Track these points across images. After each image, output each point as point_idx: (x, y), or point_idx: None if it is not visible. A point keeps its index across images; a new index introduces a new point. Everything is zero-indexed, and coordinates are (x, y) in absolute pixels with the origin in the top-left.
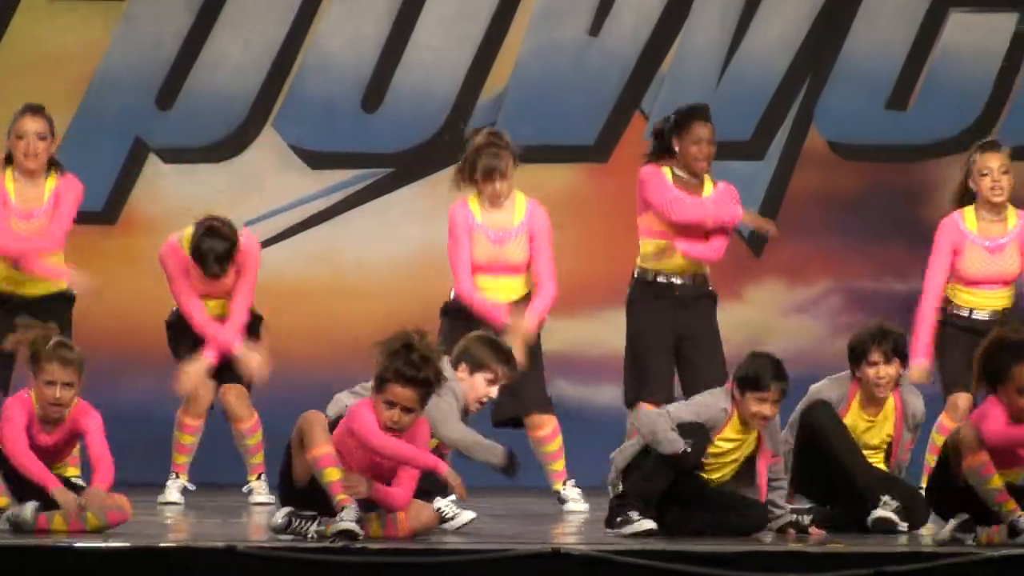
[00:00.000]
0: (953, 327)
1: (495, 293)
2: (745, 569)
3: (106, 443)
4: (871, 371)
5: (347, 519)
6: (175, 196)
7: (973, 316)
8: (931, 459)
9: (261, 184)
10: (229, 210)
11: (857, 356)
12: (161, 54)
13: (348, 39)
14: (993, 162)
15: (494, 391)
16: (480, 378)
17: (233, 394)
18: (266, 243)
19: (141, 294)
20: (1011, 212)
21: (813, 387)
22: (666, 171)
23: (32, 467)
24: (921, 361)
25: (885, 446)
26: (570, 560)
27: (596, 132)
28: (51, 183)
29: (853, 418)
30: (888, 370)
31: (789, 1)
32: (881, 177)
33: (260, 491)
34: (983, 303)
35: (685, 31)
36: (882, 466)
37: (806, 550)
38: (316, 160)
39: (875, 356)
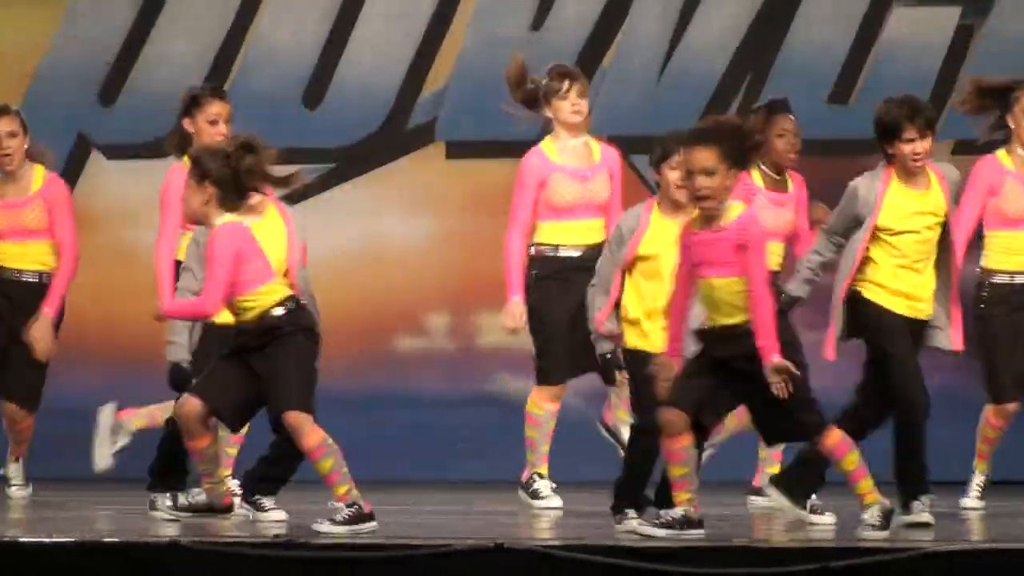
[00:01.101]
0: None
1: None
2: (688, 564)
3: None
4: (907, 148)
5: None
6: (118, 193)
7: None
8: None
9: None
10: None
11: (891, 133)
12: (103, 50)
13: (290, 35)
14: None
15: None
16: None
17: None
18: None
19: (84, 289)
20: None
21: (850, 185)
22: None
23: None
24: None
25: (942, 216)
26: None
27: (539, 126)
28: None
29: (896, 195)
30: (924, 145)
31: None
32: (824, 172)
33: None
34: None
35: (627, 25)
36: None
37: (752, 545)
38: None
39: (910, 132)
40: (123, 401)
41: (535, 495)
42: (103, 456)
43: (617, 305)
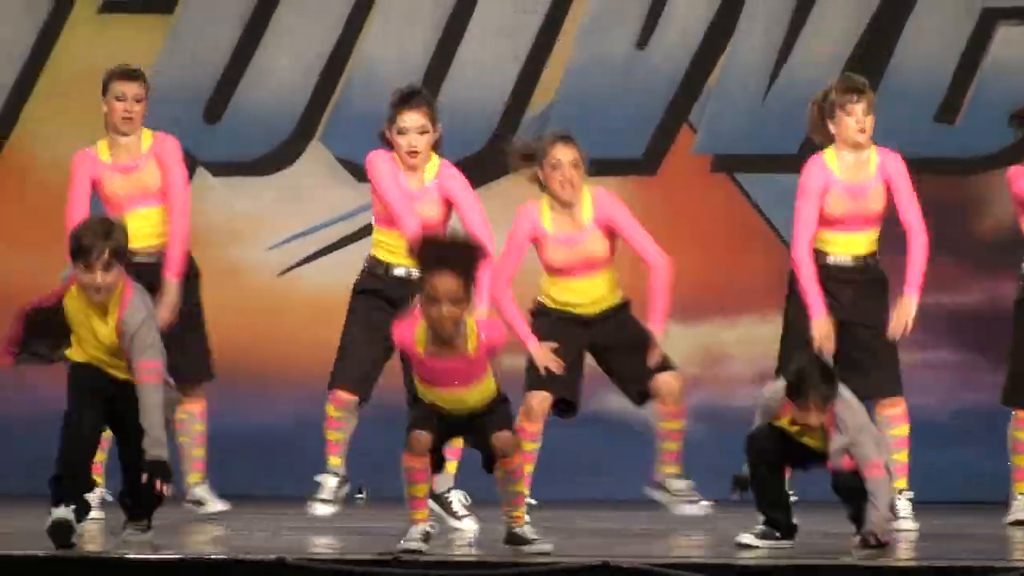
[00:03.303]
0: None
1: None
2: None
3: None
4: None
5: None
6: (223, 209)
7: None
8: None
9: (308, 198)
10: (276, 223)
11: None
12: (209, 68)
13: (395, 53)
14: None
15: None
16: None
17: None
18: (313, 256)
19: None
20: None
21: None
22: None
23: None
24: None
25: None
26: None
27: (643, 145)
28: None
29: None
30: None
31: (836, 15)
32: (929, 191)
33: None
34: None
35: (732, 44)
36: None
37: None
38: (363, 174)
39: None
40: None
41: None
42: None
43: None
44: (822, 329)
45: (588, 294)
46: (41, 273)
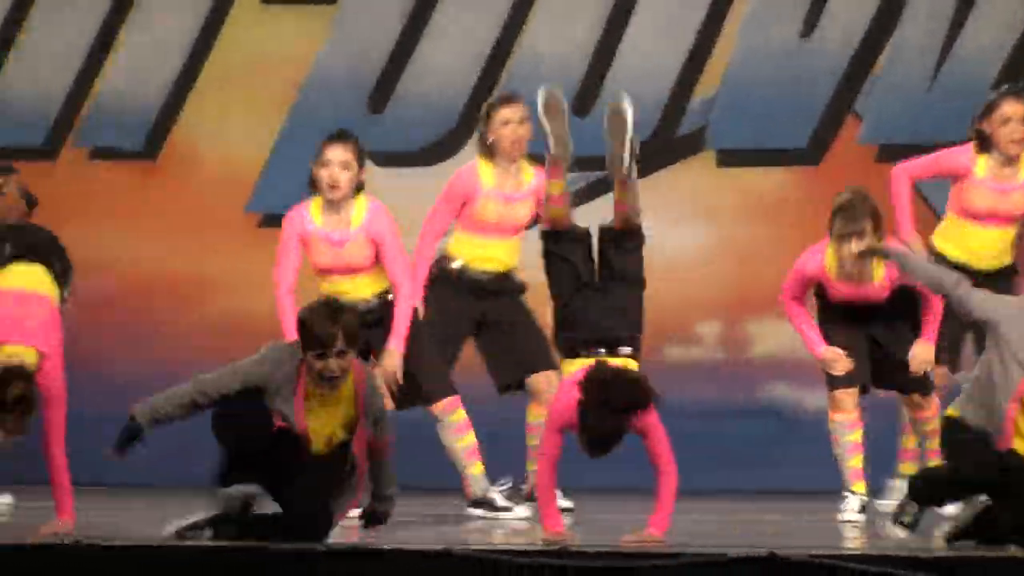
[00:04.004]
0: None
1: None
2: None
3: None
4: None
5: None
6: (387, 200)
7: None
8: None
9: None
10: None
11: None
12: (372, 59)
13: (558, 44)
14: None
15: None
16: None
17: None
18: None
19: None
20: None
21: None
22: None
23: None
24: None
25: None
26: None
27: (808, 135)
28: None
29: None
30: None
31: (1003, 1)
32: None
33: None
34: None
35: (897, 32)
36: None
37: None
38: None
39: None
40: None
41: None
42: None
43: None
44: None
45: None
46: (205, 262)
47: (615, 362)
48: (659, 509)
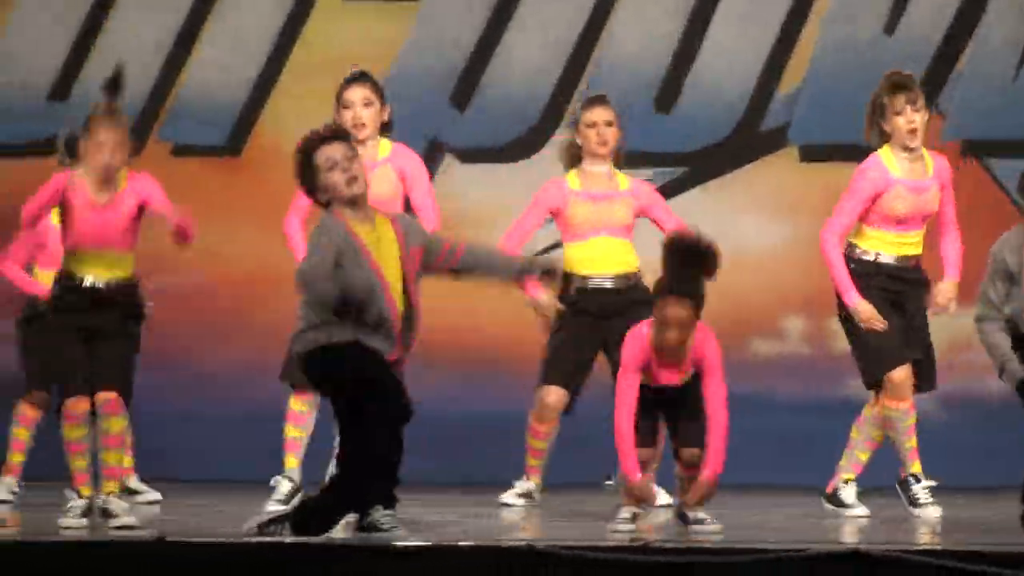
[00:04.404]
0: None
1: None
2: None
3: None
4: None
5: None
6: (471, 196)
7: None
8: None
9: None
10: (523, 210)
11: None
12: (456, 54)
13: (641, 38)
14: None
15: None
16: None
17: None
18: (558, 244)
19: (434, 292)
20: None
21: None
22: None
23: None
24: None
25: None
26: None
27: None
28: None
29: None
30: None
31: None
32: None
33: None
34: None
35: (981, 28)
36: None
37: None
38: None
39: None
40: (475, 403)
41: (839, 503)
42: None
43: None
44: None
45: None
46: (290, 257)
47: None
48: (711, 454)
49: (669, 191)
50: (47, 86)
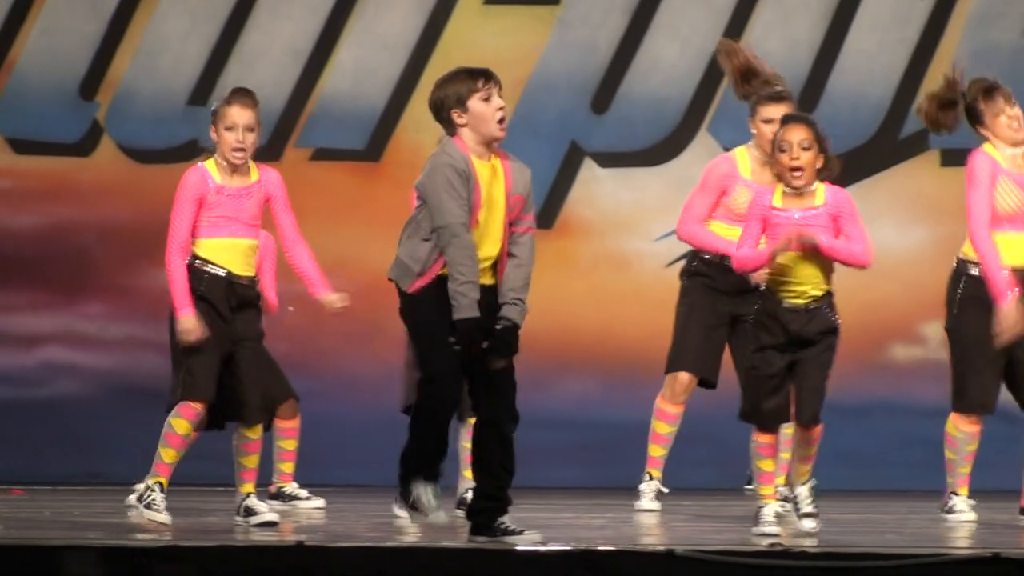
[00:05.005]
0: None
1: None
2: None
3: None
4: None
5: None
6: (611, 201)
7: None
8: None
9: None
10: (665, 215)
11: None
12: (596, 58)
13: (783, 43)
14: None
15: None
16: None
17: None
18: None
19: (575, 297)
20: None
21: None
22: None
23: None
24: None
25: None
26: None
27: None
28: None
29: None
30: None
31: None
32: None
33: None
34: None
35: None
36: None
37: None
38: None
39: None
40: (617, 404)
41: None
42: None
43: None
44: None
45: None
46: None
47: None
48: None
49: None
50: (187, 91)
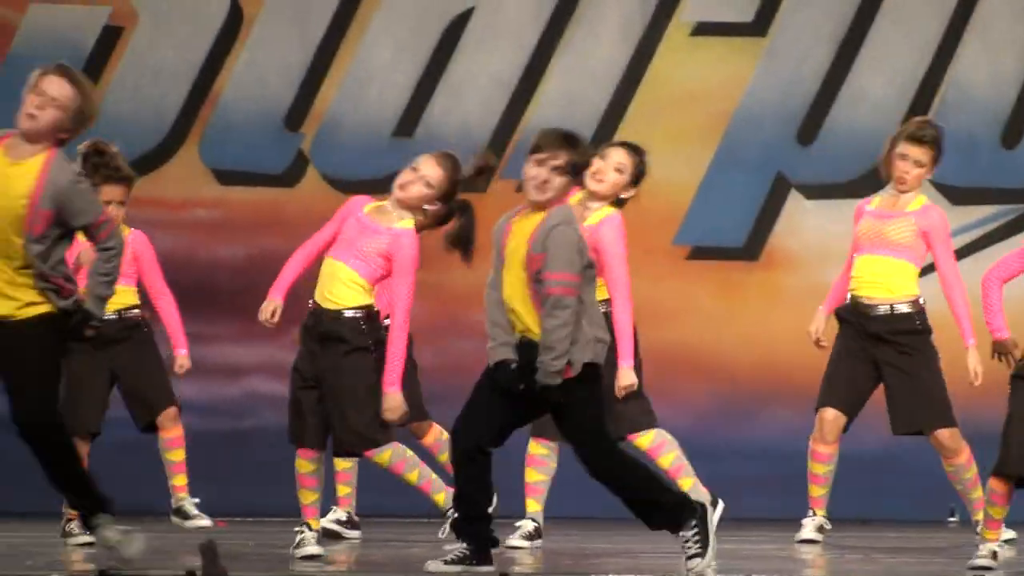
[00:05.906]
0: None
1: None
2: None
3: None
4: None
5: None
6: (817, 233)
7: None
8: None
9: None
10: None
11: None
12: (802, 89)
13: (988, 74)
14: None
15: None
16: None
17: None
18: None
19: (782, 329)
20: None
21: None
22: None
23: None
24: None
25: None
26: None
27: None
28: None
29: None
30: None
31: None
32: None
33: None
34: None
35: None
36: None
37: None
38: (956, 195)
39: None
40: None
41: None
42: None
43: None
44: None
45: None
46: (634, 292)
47: None
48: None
49: (1010, 228)
50: (393, 122)
